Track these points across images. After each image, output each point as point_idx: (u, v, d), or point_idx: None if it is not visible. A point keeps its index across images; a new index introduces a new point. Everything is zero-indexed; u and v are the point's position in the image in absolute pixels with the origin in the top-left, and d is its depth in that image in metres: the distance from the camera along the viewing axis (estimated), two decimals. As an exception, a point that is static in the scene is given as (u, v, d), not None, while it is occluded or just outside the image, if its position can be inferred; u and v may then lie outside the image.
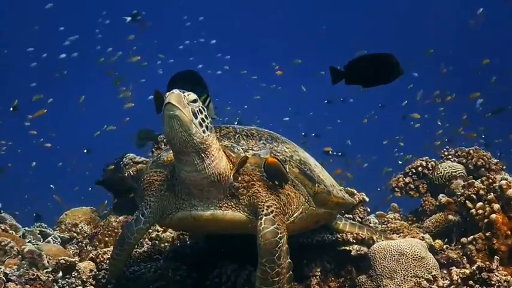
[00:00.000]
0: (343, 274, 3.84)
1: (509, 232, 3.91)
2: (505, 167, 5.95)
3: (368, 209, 4.78)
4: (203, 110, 2.92)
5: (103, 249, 4.29)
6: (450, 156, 6.11)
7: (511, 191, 3.98)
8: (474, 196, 4.26)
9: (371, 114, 18.52)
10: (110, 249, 4.06)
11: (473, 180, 4.62)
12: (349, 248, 3.94)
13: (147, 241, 4.45)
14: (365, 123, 18.14)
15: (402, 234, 4.58)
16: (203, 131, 2.90)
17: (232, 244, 3.74)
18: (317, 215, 3.47)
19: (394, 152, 16.85)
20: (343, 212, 4.31)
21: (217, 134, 3.15)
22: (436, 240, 4.39)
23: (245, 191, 3.14)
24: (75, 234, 5.66)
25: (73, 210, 6.44)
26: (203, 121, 2.90)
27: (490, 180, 4.28)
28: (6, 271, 3.61)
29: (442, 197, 5.07)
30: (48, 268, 3.87)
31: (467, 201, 4.28)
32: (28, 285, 3.55)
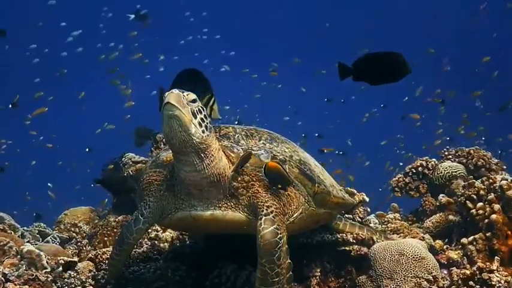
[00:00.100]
0: (343, 274, 3.84)
1: (509, 232, 3.91)
2: (506, 167, 5.93)
3: (368, 209, 4.77)
4: (202, 110, 2.92)
5: (102, 249, 4.28)
6: (450, 156, 6.10)
7: (512, 192, 3.98)
8: (474, 196, 4.26)
9: (372, 112, 18.48)
10: (109, 249, 4.05)
11: (473, 180, 4.61)
12: (349, 248, 3.94)
13: (147, 241, 4.44)
14: (364, 121, 18.10)
15: (402, 234, 4.58)
16: (202, 131, 2.88)
17: (232, 244, 3.73)
18: (317, 215, 3.47)
19: (395, 150, 16.86)
20: (343, 212, 4.30)
21: (216, 134, 3.14)
22: (437, 240, 4.39)
23: (245, 191, 3.13)
24: (74, 234, 5.65)
25: (72, 210, 6.44)
26: (202, 121, 2.89)
27: (491, 180, 4.27)
28: (5, 271, 3.59)
29: (442, 197, 5.06)
30: (47, 268, 3.85)
31: (467, 201, 4.27)
32: (27, 285, 3.53)
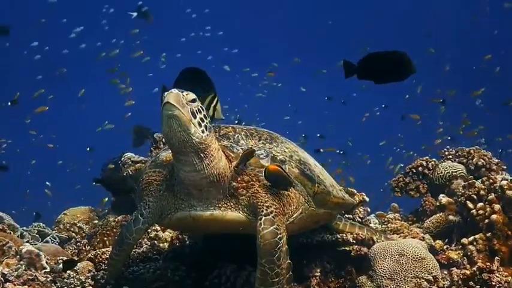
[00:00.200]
0: (343, 275, 3.83)
1: (509, 233, 3.90)
2: (506, 167, 5.92)
3: (368, 209, 4.77)
4: (202, 110, 2.91)
5: (102, 249, 4.27)
6: (450, 156, 6.08)
7: (512, 192, 3.97)
8: (475, 196, 4.25)
9: (373, 111, 18.48)
10: (109, 249, 4.05)
11: (473, 180, 4.61)
12: (349, 249, 3.93)
13: (146, 241, 4.43)
14: (364, 121, 18.09)
15: (402, 234, 4.57)
16: (202, 131, 2.87)
17: (231, 244, 3.72)
18: (317, 215, 3.46)
19: (395, 150, 16.84)
20: (343, 212, 4.29)
21: (216, 134, 3.13)
22: (437, 240, 4.38)
23: (244, 191, 3.12)
24: (73, 234, 5.64)
25: (71, 209, 6.44)
26: (202, 121, 2.88)
27: (491, 180, 4.26)
28: (4, 271, 3.58)
29: (443, 197, 5.05)
30: (46, 268, 3.85)
31: (467, 201, 4.27)
32: (26, 285, 3.53)
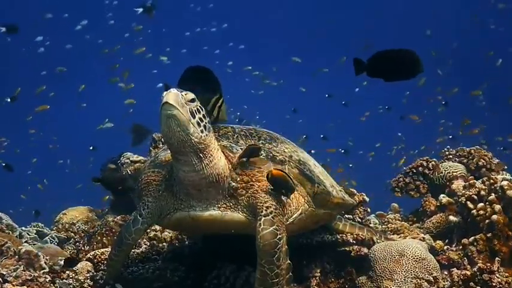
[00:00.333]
0: (343, 275, 3.82)
1: (510, 233, 3.88)
2: (506, 167, 5.90)
3: (368, 209, 4.75)
4: (201, 109, 2.90)
5: (101, 249, 4.25)
6: (451, 156, 6.07)
7: (513, 192, 3.95)
8: (475, 197, 4.23)
9: (374, 110, 18.44)
10: (108, 249, 4.04)
11: (474, 180, 4.59)
12: (349, 249, 3.93)
13: (145, 241, 4.42)
14: (364, 120, 18.05)
15: (403, 234, 4.55)
16: (201, 131, 2.86)
17: (231, 245, 3.72)
18: (317, 216, 3.45)
19: (395, 149, 16.81)
20: (343, 213, 4.28)
21: (215, 134, 3.12)
22: (437, 241, 4.37)
23: (244, 192, 3.11)
24: (72, 234, 5.62)
25: (70, 209, 6.42)
26: (201, 120, 2.87)
27: (491, 180, 4.24)
28: (2, 272, 3.57)
29: (443, 198, 5.03)
30: (45, 269, 3.83)
31: (468, 201, 4.25)
32: (25, 286, 3.51)
